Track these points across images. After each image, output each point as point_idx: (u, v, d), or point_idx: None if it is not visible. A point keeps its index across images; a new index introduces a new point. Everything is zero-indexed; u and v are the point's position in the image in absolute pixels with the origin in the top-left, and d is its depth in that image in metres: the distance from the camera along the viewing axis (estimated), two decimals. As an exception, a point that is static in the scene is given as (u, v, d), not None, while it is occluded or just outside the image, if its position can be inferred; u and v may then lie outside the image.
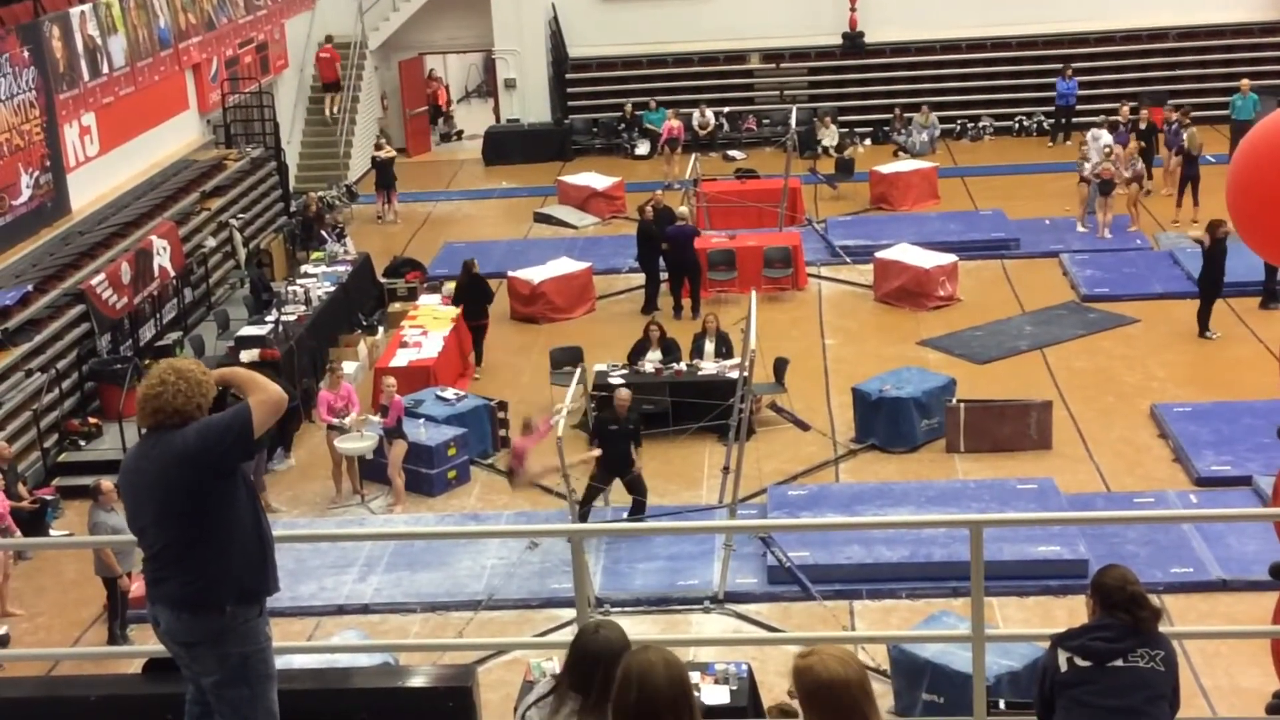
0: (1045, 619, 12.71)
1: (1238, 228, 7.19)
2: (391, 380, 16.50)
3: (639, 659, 4.15)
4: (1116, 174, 22.94)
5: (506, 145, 30.96)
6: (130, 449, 5.32)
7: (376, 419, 16.28)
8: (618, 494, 15.68)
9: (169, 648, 5.25)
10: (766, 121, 30.69)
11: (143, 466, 5.06)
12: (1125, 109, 26.15)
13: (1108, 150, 23.54)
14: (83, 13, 20.58)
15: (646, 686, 4.07)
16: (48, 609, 14.22)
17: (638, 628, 4.28)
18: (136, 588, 12.96)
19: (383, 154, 27.00)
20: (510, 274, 21.96)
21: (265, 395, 4.96)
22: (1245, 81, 26.57)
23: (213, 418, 4.99)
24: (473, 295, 19.82)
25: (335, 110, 30.00)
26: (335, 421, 16.29)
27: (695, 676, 10.03)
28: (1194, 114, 26.08)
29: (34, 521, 14.88)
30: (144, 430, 5.13)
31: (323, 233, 23.81)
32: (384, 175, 27.01)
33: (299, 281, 21.08)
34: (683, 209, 21.90)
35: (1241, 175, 6.89)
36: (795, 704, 4.33)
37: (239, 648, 5.09)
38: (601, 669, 4.41)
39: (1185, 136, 23.81)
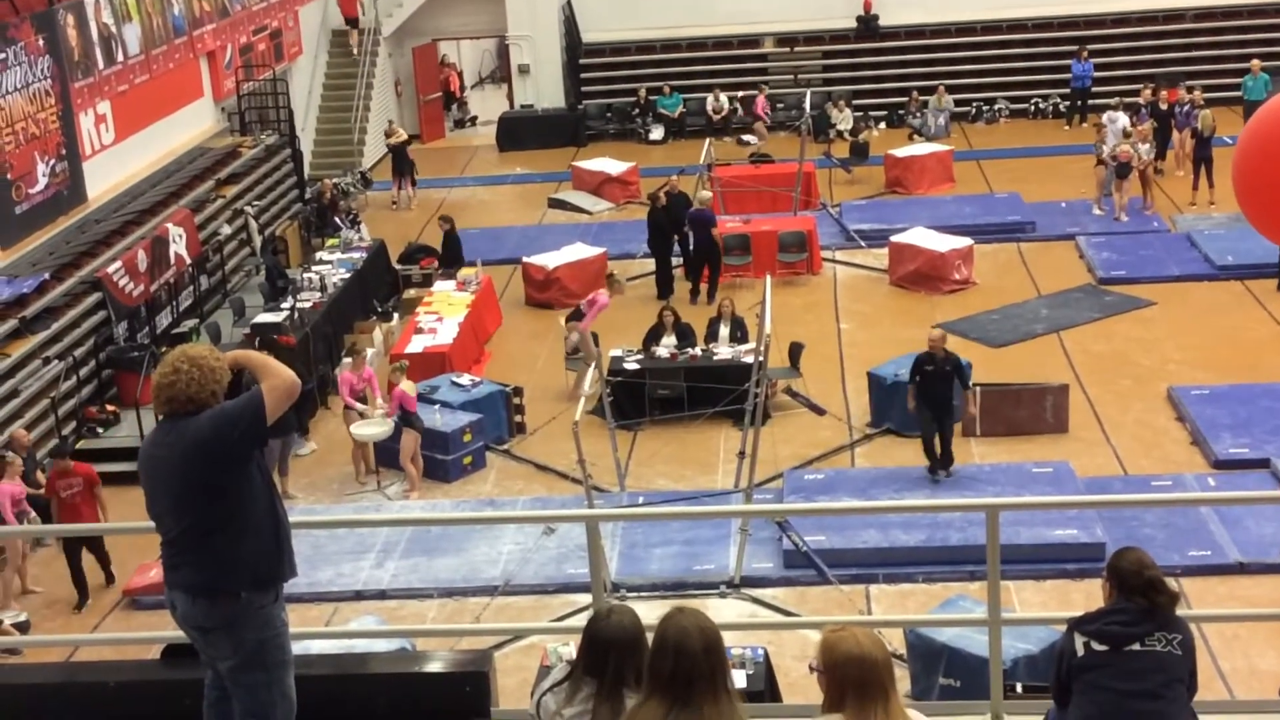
0: (1062, 602, 12.69)
1: (1244, 211, 7.15)
2: (398, 364, 16.50)
3: (674, 624, 4.18)
4: (1135, 156, 22.83)
5: (520, 131, 30.94)
6: (147, 435, 5.33)
7: (386, 415, 16.29)
8: (635, 480, 15.70)
9: (186, 632, 5.27)
10: (780, 106, 30.60)
11: (158, 454, 5.07)
12: (1146, 91, 26.02)
13: (1127, 132, 23.43)
14: (97, 1, 20.61)
15: (683, 654, 4.10)
16: (67, 595, 14.28)
17: (654, 613, 4.28)
18: (154, 574, 13.02)
19: (394, 139, 27.00)
20: (525, 259, 21.96)
21: (277, 381, 4.96)
22: (1256, 62, 26.42)
23: (226, 405, 4.99)
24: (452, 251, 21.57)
25: (356, 49, 30.06)
26: (358, 406, 16.36)
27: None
28: (1210, 95, 26.02)
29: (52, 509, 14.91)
30: (160, 417, 5.14)
31: (337, 219, 23.83)
32: (399, 160, 27.02)
33: (314, 268, 21.11)
34: (705, 193, 21.95)
35: (1247, 159, 6.85)
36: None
37: (255, 633, 5.11)
38: (615, 654, 4.42)
39: (1198, 118, 23.70)
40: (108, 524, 14.50)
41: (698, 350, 17.81)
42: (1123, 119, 24.27)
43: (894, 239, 21.74)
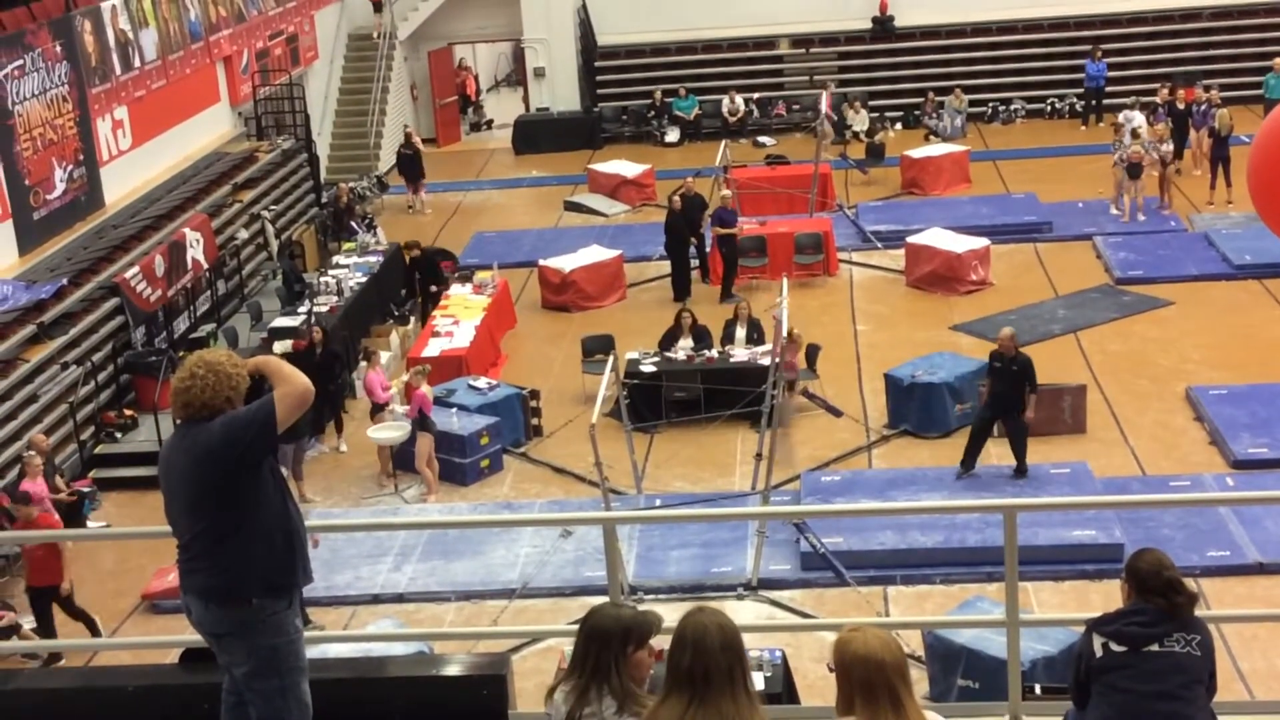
0: (1080, 603, 12.66)
1: (1260, 211, 7.11)
2: (420, 368, 16.52)
3: (693, 621, 4.18)
4: (1145, 156, 22.75)
5: (536, 134, 30.96)
6: (166, 439, 5.35)
7: (402, 409, 16.37)
8: (652, 482, 15.70)
9: (203, 636, 5.29)
10: (796, 107, 30.60)
11: (174, 458, 5.10)
12: (1164, 90, 25.94)
13: (1135, 132, 23.37)
14: (114, 6, 20.69)
15: (700, 649, 4.11)
16: (85, 600, 14.27)
17: (672, 615, 4.30)
18: (172, 579, 13.03)
19: (406, 149, 27.09)
20: (541, 263, 21.97)
21: (290, 388, 4.96)
22: (1279, 61, 26.31)
23: (238, 411, 5.00)
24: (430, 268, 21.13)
25: (377, 35, 30.16)
26: (389, 399, 16.50)
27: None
28: (1228, 94, 25.89)
29: (71, 513, 14.98)
30: (177, 422, 5.16)
31: (353, 224, 23.87)
32: (407, 166, 27.07)
33: (331, 272, 21.16)
34: (726, 192, 22.00)
35: (1263, 159, 6.82)
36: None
37: (268, 639, 5.11)
38: (595, 645, 4.40)
39: (1215, 117, 23.61)
40: (124, 529, 14.54)
41: (714, 352, 17.80)
42: (1137, 118, 24.18)
43: (910, 240, 21.70)
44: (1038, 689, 9.71)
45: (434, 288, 20.72)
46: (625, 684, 4.35)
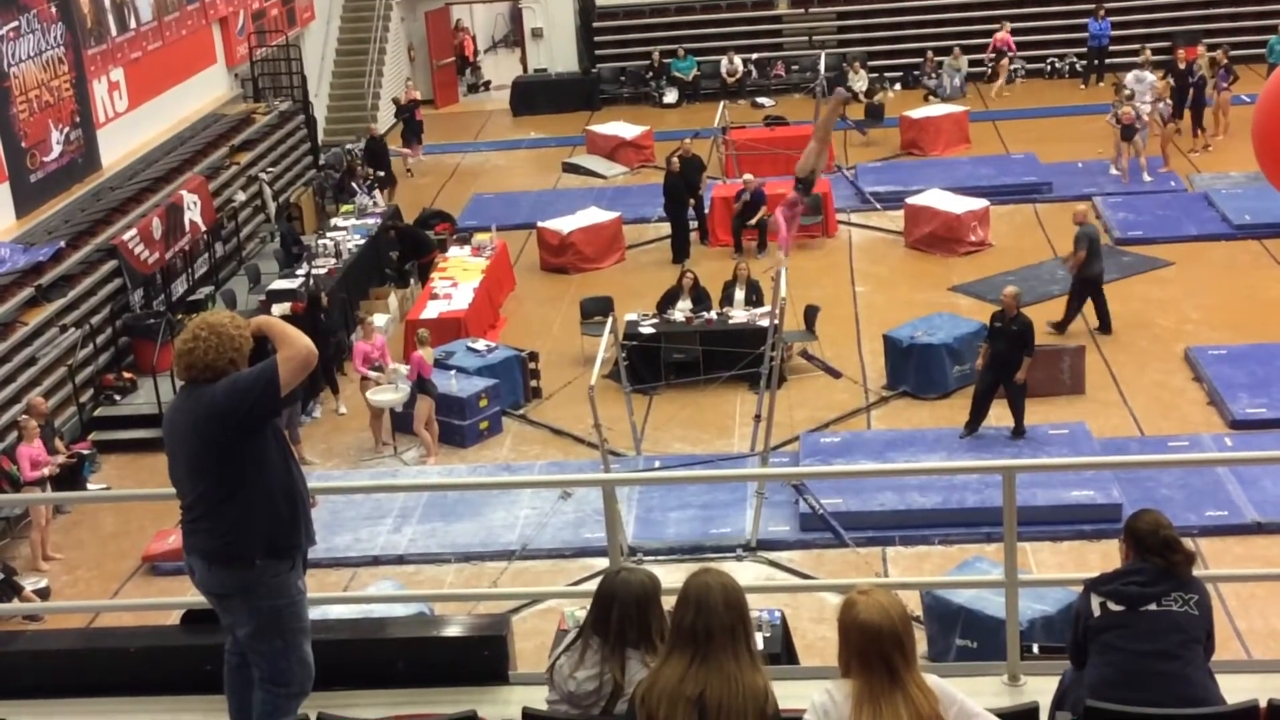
0: (1079, 564, 12.69)
1: (1265, 172, 7.10)
2: (419, 334, 16.48)
3: (698, 581, 4.24)
4: (1136, 117, 22.64)
5: (534, 95, 30.86)
6: (171, 401, 5.35)
7: (403, 370, 16.36)
8: (651, 444, 15.72)
9: (206, 597, 5.31)
10: (795, 67, 30.47)
11: (177, 420, 5.11)
12: (1147, 51, 25.74)
13: (1128, 94, 23.27)
14: (109, -32, 20.58)
15: (703, 607, 4.15)
16: (86, 562, 14.37)
17: (671, 576, 4.32)
18: (173, 540, 13.09)
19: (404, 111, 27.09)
20: (539, 224, 21.93)
21: (293, 351, 4.95)
22: None
23: (241, 374, 5.00)
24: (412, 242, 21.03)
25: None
26: (371, 374, 16.44)
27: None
28: (1231, 53, 25.75)
29: (71, 476, 15.00)
30: (181, 384, 5.16)
31: (354, 185, 23.80)
32: (409, 127, 27.02)
33: (329, 235, 21.13)
34: (748, 176, 21.77)
35: (1268, 120, 6.81)
36: None
37: (270, 600, 5.13)
38: (618, 609, 4.44)
39: (1196, 66, 23.64)
40: (124, 491, 14.56)
41: (713, 314, 17.79)
42: (1149, 78, 24.05)
43: (909, 201, 21.65)
44: (1036, 649, 9.75)
45: (421, 260, 20.68)
46: (657, 642, 4.39)
